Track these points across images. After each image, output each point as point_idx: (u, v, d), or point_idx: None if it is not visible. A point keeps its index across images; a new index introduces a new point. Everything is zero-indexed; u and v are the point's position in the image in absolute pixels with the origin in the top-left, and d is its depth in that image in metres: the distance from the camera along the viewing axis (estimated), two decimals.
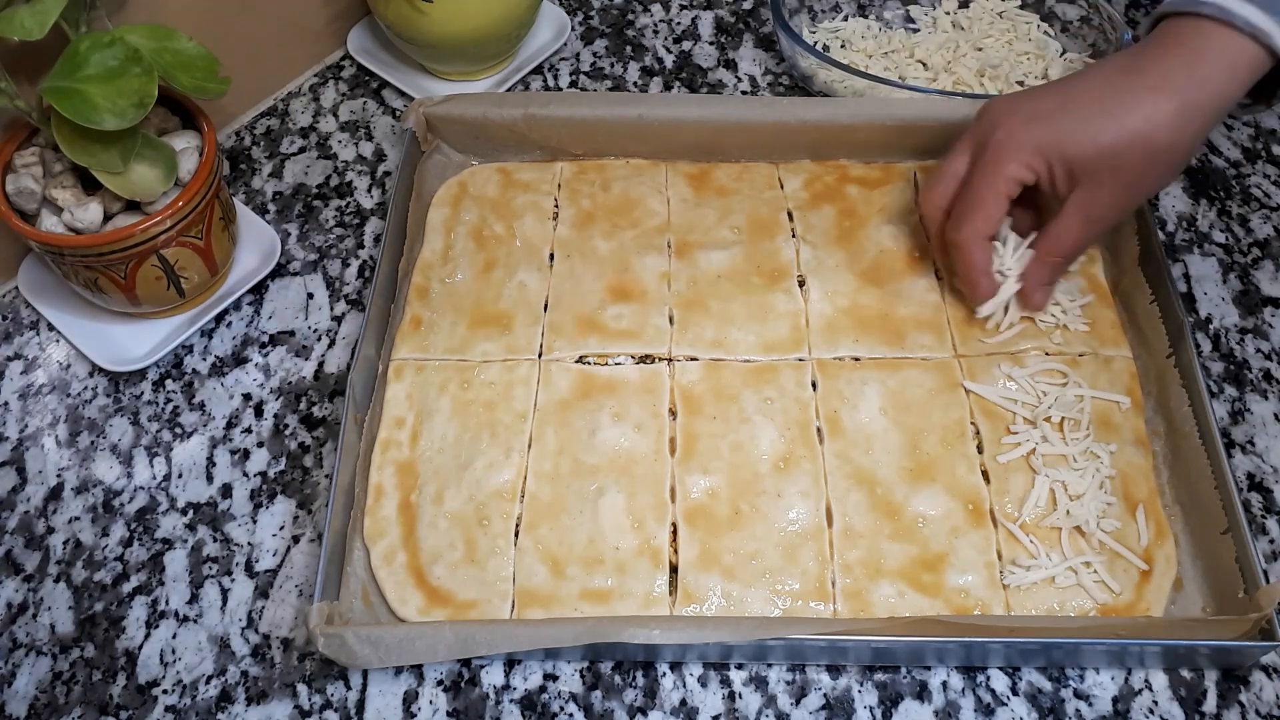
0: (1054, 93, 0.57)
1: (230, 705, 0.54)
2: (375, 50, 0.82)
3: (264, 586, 0.57)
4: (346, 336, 0.68)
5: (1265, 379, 0.65)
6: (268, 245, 0.70)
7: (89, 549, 0.59)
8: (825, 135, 0.72)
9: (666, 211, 0.70)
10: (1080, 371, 0.62)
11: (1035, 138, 0.55)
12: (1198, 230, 0.72)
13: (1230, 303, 0.68)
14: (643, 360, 0.63)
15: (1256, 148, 0.77)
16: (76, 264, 0.60)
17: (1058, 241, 0.59)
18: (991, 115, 0.58)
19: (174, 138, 0.63)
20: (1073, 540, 0.56)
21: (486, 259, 0.68)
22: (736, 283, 0.66)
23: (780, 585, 0.55)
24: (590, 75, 0.83)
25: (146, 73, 0.54)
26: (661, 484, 0.58)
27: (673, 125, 0.71)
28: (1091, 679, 0.54)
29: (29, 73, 0.60)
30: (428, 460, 0.59)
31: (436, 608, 0.54)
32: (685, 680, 0.54)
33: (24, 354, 0.67)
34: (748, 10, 0.88)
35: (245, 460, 0.62)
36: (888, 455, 0.59)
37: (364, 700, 0.54)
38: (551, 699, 0.53)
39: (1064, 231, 0.58)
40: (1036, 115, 0.56)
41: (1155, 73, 0.54)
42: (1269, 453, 0.62)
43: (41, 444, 0.63)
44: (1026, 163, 0.56)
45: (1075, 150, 0.55)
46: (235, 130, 0.79)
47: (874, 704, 0.53)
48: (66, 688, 0.54)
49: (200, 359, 0.67)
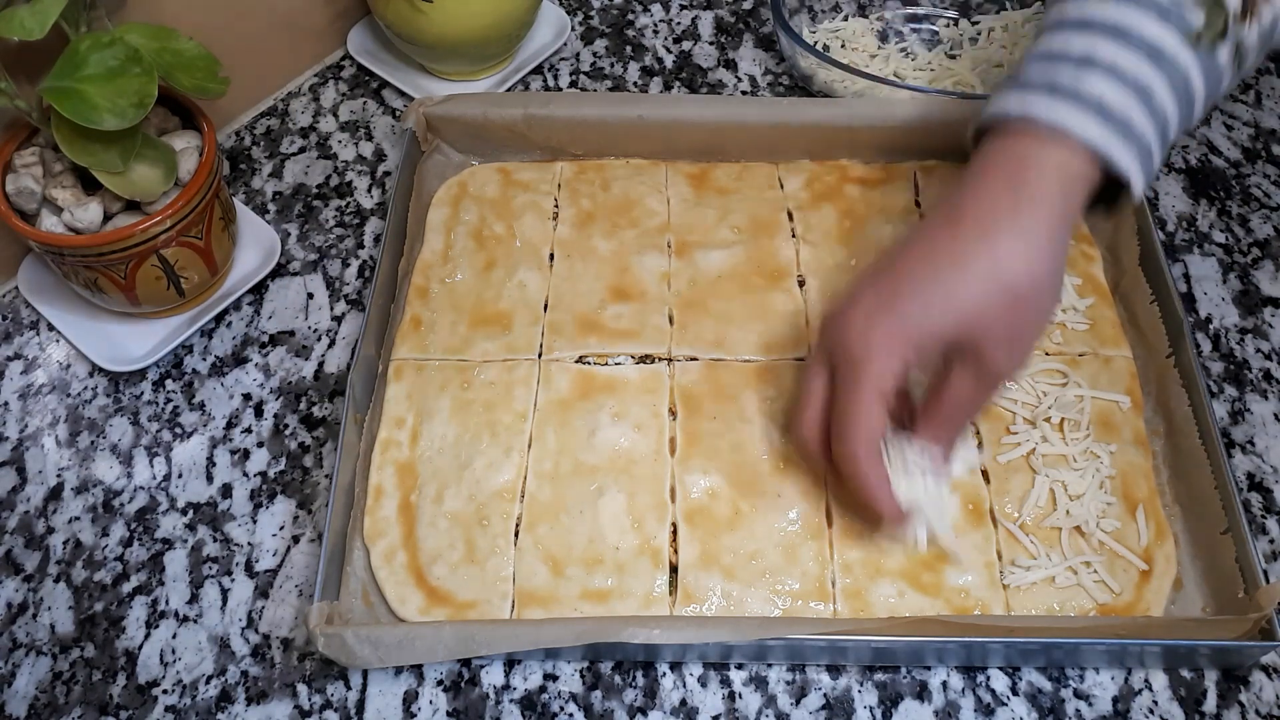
0: (884, 276, 0.50)
1: (230, 705, 0.54)
2: (375, 50, 0.82)
3: (264, 586, 0.57)
4: (346, 336, 0.68)
5: (1265, 379, 0.65)
6: (268, 245, 0.70)
7: (89, 549, 0.59)
8: (825, 135, 0.71)
9: (666, 211, 0.70)
10: (1080, 371, 0.62)
11: (889, 332, 0.48)
12: (1198, 230, 0.72)
13: (1230, 303, 0.68)
14: (643, 360, 0.63)
15: (1256, 148, 0.77)
16: (76, 264, 0.60)
17: (952, 403, 0.50)
18: (834, 325, 0.50)
19: (174, 138, 0.63)
20: (1073, 540, 0.56)
21: (486, 259, 0.68)
22: (736, 283, 0.66)
23: (780, 585, 0.55)
24: (590, 75, 0.83)
25: (146, 73, 0.54)
26: (661, 484, 0.58)
27: (673, 125, 0.71)
28: (1091, 679, 0.54)
29: (29, 73, 0.60)
30: (428, 460, 0.59)
31: (436, 608, 0.54)
32: (685, 680, 0.54)
33: (24, 354, 0.67)
34: (748, 10, 0.88)
35: (245, 460, 0.62)
36: None
37: (364, 700, 0.54)
38: (551, 699, 0.53)
39: (955, 392, 0.50)
40: (877, 309, 0.49)
41: (982, 214, 0.47)
42: (1269, 453, 0.62)
43: (41, 444, 0.63)
44: (889, 359, 0.48)
45: (937, 328, 0.47)
46: (235, 130, 0.79)
47: (874, 704, 0.53)
48: (66, 688, 0.54)
49: (200, 359, 0.67)
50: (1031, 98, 0.48)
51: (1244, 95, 0.80)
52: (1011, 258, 0.47)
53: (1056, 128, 0.47)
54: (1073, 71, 0.47)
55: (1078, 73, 0.47)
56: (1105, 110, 0.47)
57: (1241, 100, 0.80)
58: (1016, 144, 0.48)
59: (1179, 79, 0.47)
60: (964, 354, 0.49)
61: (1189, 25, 0.47)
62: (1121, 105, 0.47)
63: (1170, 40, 0.47)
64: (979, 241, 0.47)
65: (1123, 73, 0.47)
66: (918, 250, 0.49)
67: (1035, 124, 0.47)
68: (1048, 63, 0.49)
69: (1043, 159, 0.47)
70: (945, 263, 0.48)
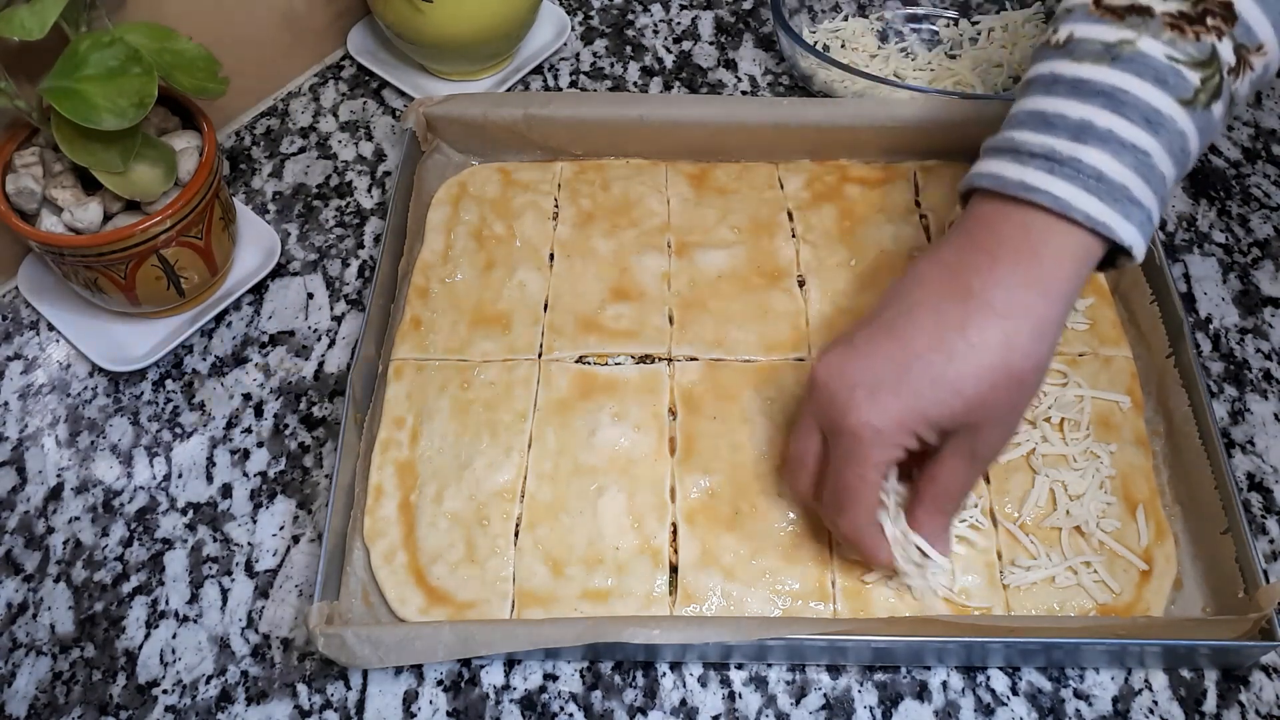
0: (882, 344, 0.49)
1: (230, 705, 0.54)
2: (375, 50, 0.82)
3: (264, 586, 0.57)
4: (346, 336, 0.68)
5: (1265, 379, 0.65)
6: (268, 245, 0.70)
7: (89, 549, 0.59)
8: (825, 135, 0.71)
9: (666, 211, 0.70)
10: (1080, 371, 0.62)
11: (891, 415, 0.47)
12: (1198, 230, 0.72)
13: (1230, 303, 0.68)
14: (642, 360, 0.63)
15: (1256, 148, 0.77)
16: (76, 264, 0.60)
17: (949, 490, 0.51)
18: (830, 390, 0.49)
19: (174, 138, 0.63)
20: (1073, 540, 0.56)
21: (486, 259, 0.68)
22: (736, 283, 0.66)
23: (780, 585, 0.55)
24: (590, 75, 0.83)
25: (146, 73, 0.54)
26: (661, 484, 0.58)
27: (673, 125, 0.71)
28: (1091, 679, 0.54)
29: (29, 73, 0.60)
30: (428, 460, 0.59)
31: (436, 608, 0.54)
32: (685, 680, 0.54)
33: (24, 354, 0.67)
34: (748, 10, 0.88)
35: (245, 460, 0.62)
36: None
37: (364, 700, 0.54)
38: (551, 699, 0.53)
39: (952, 476, 0.50)
40: (880, 385, 0.47)
41: (992, 292, 0.47)
42: (1269, 453, 0.62)
43: (41, 444, 0.63)
44: (891, 443, 0.48)
45: (939, 413, 0.47)
46: (235, 130, 0.79)
47: (874, 704, 0.53)
48: (66, 688, 0.54)
49: (200, 359, 0.67)
50: (1030, 168, 0.47)
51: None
52: (1020, 340, 0.46)
53: (1058, 204, 0.46)
54: (1070, 142, 0.47)
55: (1075, 144, 0.47)
56: (1106, 183, 0.46)
57: None
58: (1020, 215, 0.47)
59: (1176, 142, 0.47)
60: (959, 434, 0.48)
61: (1186, 88, 0.47)
62: (1121, 176, 0.46)
63: (1167, 104, 0.46)
64: (992, 324, 0.46)
65: (1121, 141, 0.46)
66: (925, 324, 0.48)
67: (1036, 194, 0.47)
68: (1044, 128, 0.48)
69: (1051, 239, 0.47)
70: (958, 344, 0.47)
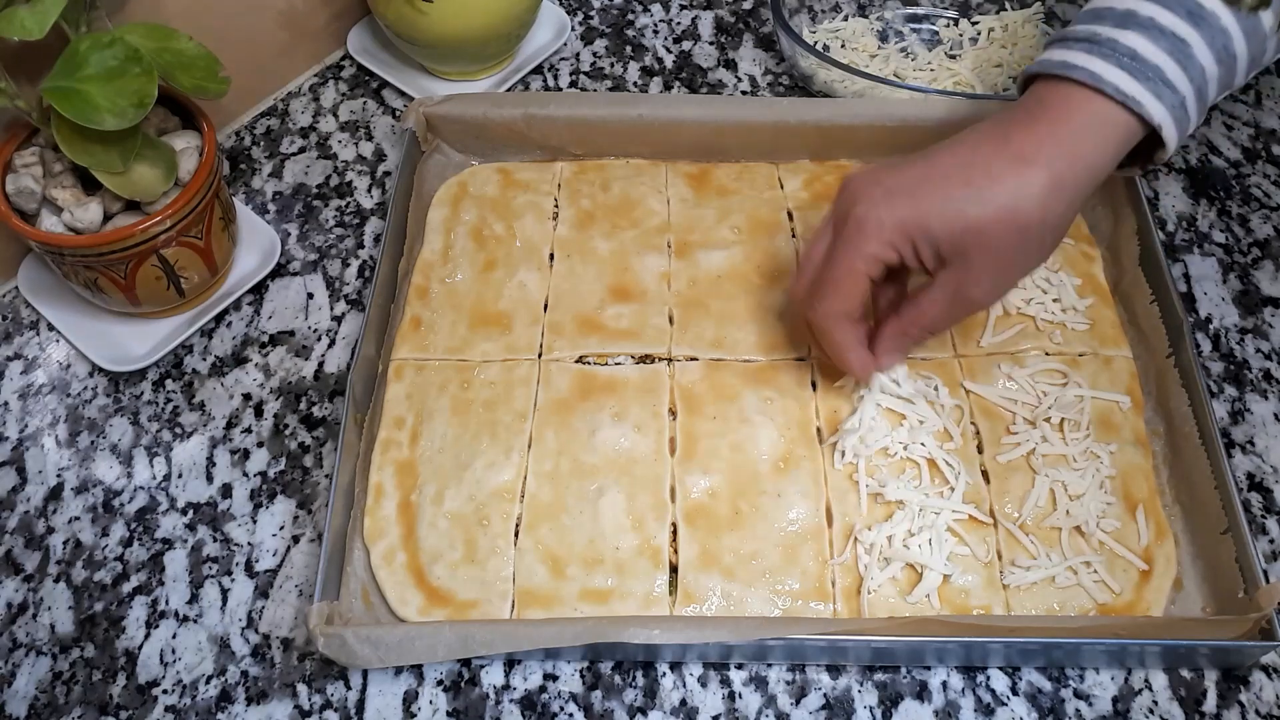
0: (917, 165, 0.52)
1: (230, 705, 0.54)
2: (375, 50, 0.82)
3: (264, 586, 0.57)
4: (346, 336, 0.68)
5: (1265, 379, 0.65)
6: (268, 245, 0.70)
7: (89, 549, 0.59)
8: (825, 135, 0.72)
9: (666, 211, 0.70)
10: (1080, 371, 0.62)
11: (897, 214, 0.50)
12: (1198, 230, 0.72)
13: (1230, 303, 0.68)
14: (643, 360, 0.63)
15: (1256, 148, 0.77)
16: (76, 264, 0.60)
17: (922, 316, 0.54)
18: (851, 190, 0.53)
19: (174, 138, 0.63)
20: (1073, 540, 0.56)
21: (486, 259, 0.68)
22: (736, 283, 0.66)
23: (780, 585, 0.55)
24: (590, 75, 0.83)
25: (146, 73, 0.54)
26: (661, 484, 0.58)
27: (673, 125, 0.71)
28: (1091, 679, 0.54)
29: (29, 73, 0.60)
30: (428, 460, 0.59)
31: (436, 608, 0.54)
32: (685, 680, 0.54)
33: (24, 354, 0.67)
34: (748, 10, 0.88)
35: (245, 460, 0.62)
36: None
37: (364, 700, 0.54)
38: (551, 699, 0.53)
39: (930, 306, 0.53)
40: (898, 189, 0.51)
41: (1023, 142, 0.50)
42: (1269, 453, 0.62)
43: (41, 444, 0.63)
44: (888, 241, 0.51)
45: (940, 228, 0.50)
46: (235, 130, 0.79)
47: (874, 704, 0.53)
48: (66, 688, 0.54)
49: (200, 359, 0.67)
50: (1074, 50, 0.51)
51: (1244, 95, 0.80)
52: (1036, 193, 0.49)
53: (1091, 77, 0.49)
54: (1112, 28, 0.50)
55: (1116, 29, 0.50)
56: (1139, 61, 0.49)
57: (1241, 100, 0.80)
58: (1063, 89, 0.51)
59: (1218, 37, 0.50)
60: (950, 269, 0.51)
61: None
62: (1155, 58, 0.49)
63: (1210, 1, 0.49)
64: (1017, 165, 0.49)
65: (1160, 28, 0.49)
66: (961, 153, 0.51)
67: (1074, 71, 0.50)
68: (1093, 18, 0.52)
69: (1084, 106, 0.50)
70: (980, 173, 0.50)
